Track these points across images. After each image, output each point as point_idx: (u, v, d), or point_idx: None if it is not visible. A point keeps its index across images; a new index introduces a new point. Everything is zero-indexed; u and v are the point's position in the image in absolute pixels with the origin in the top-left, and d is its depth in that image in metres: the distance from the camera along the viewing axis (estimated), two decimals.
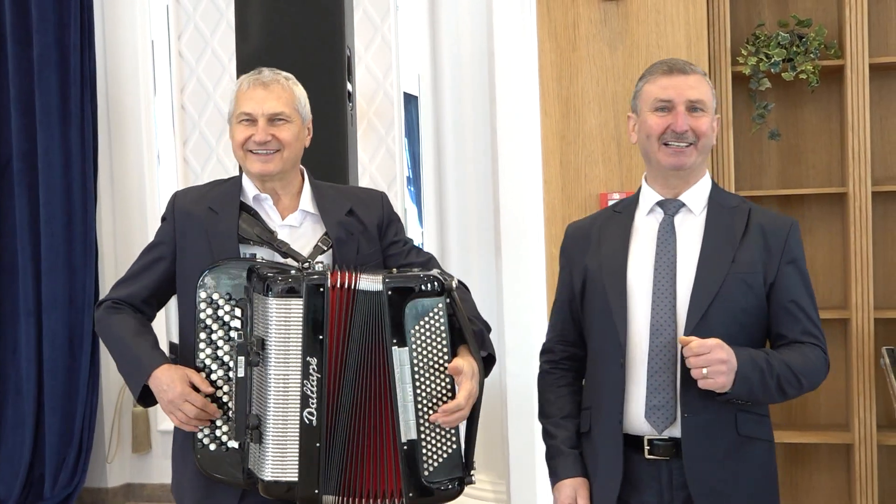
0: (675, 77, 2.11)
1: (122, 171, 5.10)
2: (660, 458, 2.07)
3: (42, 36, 4.72)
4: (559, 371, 2.29)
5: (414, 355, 2.09)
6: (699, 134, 2.10)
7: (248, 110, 2.26)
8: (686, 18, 3.43)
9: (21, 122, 4.79)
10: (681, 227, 2.14)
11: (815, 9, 3.71)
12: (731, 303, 2.06)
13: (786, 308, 2.10)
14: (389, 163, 5.07)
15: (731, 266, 2.07)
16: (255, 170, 2.27)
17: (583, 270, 2.21)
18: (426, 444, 2.10)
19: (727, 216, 2.14)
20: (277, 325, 2.07)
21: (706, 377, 1.94)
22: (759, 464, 2.10)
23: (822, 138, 3.75)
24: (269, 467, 2.08)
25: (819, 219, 3.76)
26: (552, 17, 3.51)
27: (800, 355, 2.07)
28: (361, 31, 4.87)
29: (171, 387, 2.12)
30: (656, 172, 2.18)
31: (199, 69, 5.20)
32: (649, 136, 2.13)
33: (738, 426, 2.06)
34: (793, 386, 2.04)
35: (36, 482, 4.86)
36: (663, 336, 2.06)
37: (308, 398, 2.07)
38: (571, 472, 2.17)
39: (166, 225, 2.35)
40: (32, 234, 4.82)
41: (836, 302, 3.74)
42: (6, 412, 4.90)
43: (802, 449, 3.77)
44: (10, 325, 4.89)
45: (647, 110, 2.14)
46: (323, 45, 3.43)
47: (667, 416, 2.05)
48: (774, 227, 2.13)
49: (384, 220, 2.40)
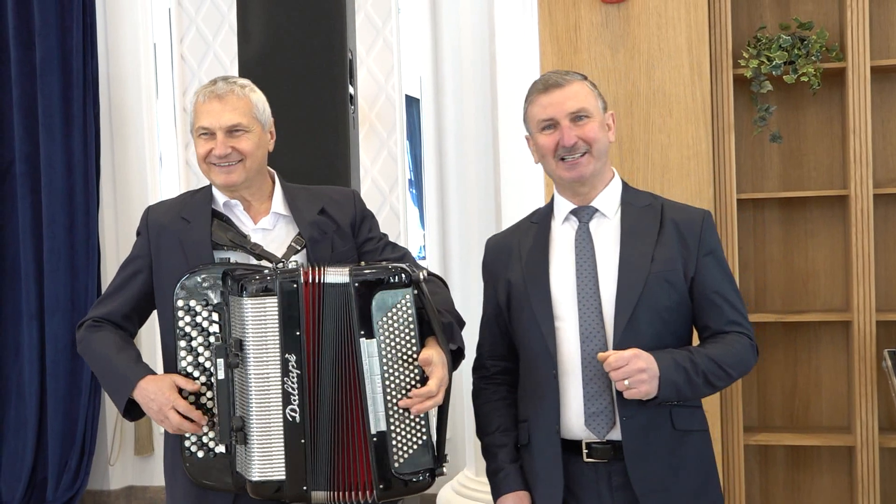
0: (552, 93, 2.13)
1: (125, 174, 5.11)
2: (598, 460, 2.09)
3: (44, 39, 4.73)
4: (493, 386, 2.30)
5: (382, 347, 2.10)
6: (589, 141, 2.12)
7: (205, 124, 2.26)
8: (687, 21, 3.43)
9: (23, 125, 4.80)
10: (597, 233, 2.17)
11: (816, 11, 3.71)
12: (655, 302, 2.09)
13: (709, 299, 2.13)
14: (391, 165, 5.07)
15: (650, 266, 2.09)
16: (220, 181, 2.28)
17: (506, 284, 2.23)
18: (395, 436, 2.11)
19: (641, 215, 2.17)
20: (254, 324, 2.08)
21: (629, 388, 1.97)
22: (697, 453, 2.14)
23: (824, 141, 3.74)
24: (256, 468, 2.08)
25: (821, 221, 3.75)
26: (553, 20, 3.51)
27: (725, 347, 2.10)
28: (363, 33, 4.87)
29: (158, 395, 2.12)
30: (562, 185, 2.21)
31: (200, 72, 5.21)
32: (544, 156, 2.17)
33: (673, 421, 2.09)
34: (721, 378, 2.08)
35: (38, 485, 4.87)
36: (594, 342, 2.08)
37: (290, 395, 2.08)
38: (513, 485, 2.19)
39: (141, 239, 2.35)
40: (35, 237, 4.83)
41: (837, 304, 3.74)
42: (8, 415, 4.91)
43: (804, 452, 3.77)
44: (13, 328, 4.90)
45: (536, 131, 2.17)
46: (324, 48, 3.44)
47: (606, 421, 2.07)
48: (688, 221, 2.16)
49: (357, 218, 2.41)
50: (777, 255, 3.79)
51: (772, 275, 3.79)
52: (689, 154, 3.40)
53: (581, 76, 2.19)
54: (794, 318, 3.61)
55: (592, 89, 2.18)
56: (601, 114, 2.16)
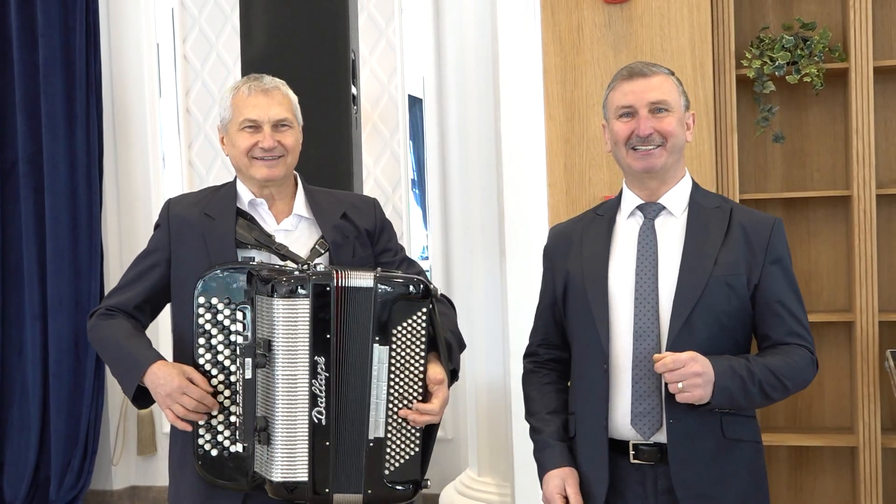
0: (636, 81, 2.10)
1: (128, 174, 5.12)
2: (644, 462, 2.06)
3: (48, 39, 4.74)
4: (544, 370, 2.28)
5: (392, 355, 2.11)
6: (665, 135, 2.09)
7: (253, 117, 2.26)
8: (690, 22, 3.43)
9: (27, 126, 4.81)
10: (661, 230, 2.13)
11: (819, 12, 3.71)
12: (714, 306, 2.04)
13: (771, 309, 2.08)
14: (394, 166, 5.08)
15: (713, 269, 2.05)
16: (261, 175, 2.27)
17: (564, 274, 2.20)
18: (391, 444, 2.13)
19: (708, 217, 2.12)
20: (285, 325, 2.07)
21: (682, 391, 1.93)
22: (746, 464, 2.09)
23: (827, 141, 3.74)
24: (279, 468, 2.08)
25: (823, 222, 3.75)
26: (556, 21, 3.51)
27: (784, 358, 2.05)
28: (366, 34, 4.88)
29: (169, 380, 2.10)
30: (632, 177, 2.18)
31: (204, 72, 5.21)
32: (617, 143, 2.14)
33: (723, 429, 2.05)
34: (777, 390, 2.03)
35: (41, 484, 4.88)
36: (647, 342, 2.04)
37: (317, 397, 2.08)
38: (559, 462, 2.14)
39: (160, 232, 2.34)
40: (38, 238, 4.83)
41: (840, 305, 3.74)
42: (12, 415, 4.92)
43: (807, 452, 3.77)
44: (16, 328, 4.90)
45: (614, 118, 2.14)
46: (327, 49, 3.44)
47: (653, 422, 2.04)
48: (757, 227, 2.11)
49: (377, 227, 2.41)
50: None
51: None
52: (692, 154, 3.40)
53: (668, 70, 2.15)
54: None
55: (677, 85, 2.15)
56: (682, 111, 2.13)
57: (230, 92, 2.33)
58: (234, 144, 2.29)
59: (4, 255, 4.90)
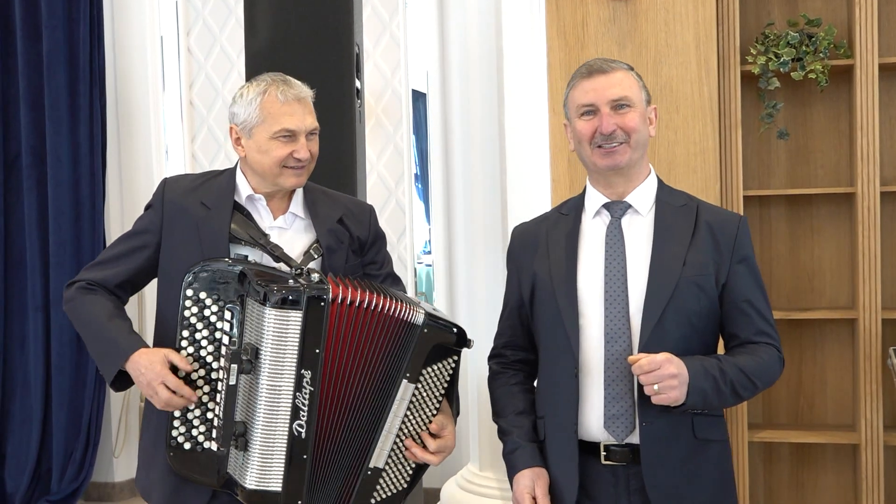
0: (596, 78, 2.09)
1: (131, 167, 5.12)
2: (616, 463, 2.05)
3: (51, 31, 4.74)
4: (510, 371, 2.27)
5: (415, 394, 2.12)
6: (628, 131, 2.07)
7: (291, 127, 2.20)
8: (695, 17, 3.42)
9: (30, 118, 4.81)
10: (629, 230, 2.11)
11: (824, 8, 3.70)
12: (684, 307, 2.03)
13: (739, 308, 2.08)
14: (397, 160, 5.07)
15: (682, 269, 2.04)
16: (290, 184, 2.24)
17: (531, 276, 2.18)
18: (387, 475, 2.15)
19: (675, 215, 2.11)
20: (274, 335, 2.03)
21: (658, 393, 1.93)
22: (715, 464, 2.10)
23: (831, 138, 3.73)
24: (253, 476, 2.06)
25: (827, 219, 3.75)
26: (561, 16, 3.51)
27: (753, 357, 2.06)
28: (370, 28, 4.87)
29: (150, 368, 2.07)
30: (596, 175, 2.16)
31: (207, 65, 5.21)
32: (580, 142, 2.12)
33: (694, 430, 2.05)
34: (747, 389, 2.04)
35: (43, 476, 4.88)
36: (618, 344, 2.03)
37: (299, 410, 2.05)
38: (530, 462, 2.12)
39: (152, 214, 2.29)
40: (41, 230, 4.83)
41: (843, 302, 3.74)
42: (14, 407, 4.92)
43: (809, 449, 3.77)
44: (18, 321, 4.91)
45: (575, 116, 2.12)
46: (331, 42, 3.44)
47: (626, 425, 2.03)
48: (723, 225, 2.11)
49: (370, 237, 2.39)
50: (783, 252, 3.78)
51: (777, 272, 3.78)
52: (696, 150, 3.40)
53: (627, 66, 2.14)
54: (799, 316, 3.60)
55: (637, 80, 2.13)
56: (643, 106, 2.12)
57: (256, 94, 2.23)
58: (263, 151, 2.22)
59: (7, 246, 4.90)
